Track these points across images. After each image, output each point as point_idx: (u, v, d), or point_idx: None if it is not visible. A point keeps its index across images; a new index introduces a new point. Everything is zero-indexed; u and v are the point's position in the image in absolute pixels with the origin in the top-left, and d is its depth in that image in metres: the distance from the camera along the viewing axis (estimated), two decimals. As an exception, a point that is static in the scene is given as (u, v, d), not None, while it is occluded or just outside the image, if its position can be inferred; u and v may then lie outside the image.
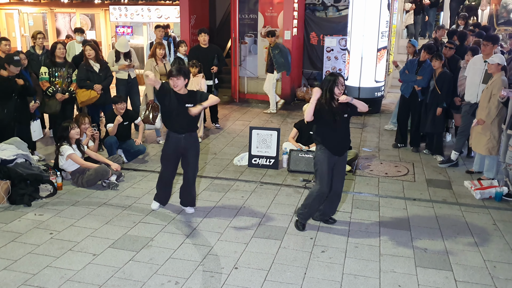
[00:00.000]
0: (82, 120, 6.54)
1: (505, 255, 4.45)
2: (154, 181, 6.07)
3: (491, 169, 6.20)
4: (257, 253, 4.40)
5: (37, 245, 4.50)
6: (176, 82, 4.92)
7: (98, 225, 4.92)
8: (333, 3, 11.25)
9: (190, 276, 4.01)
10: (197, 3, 11.88)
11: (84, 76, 7.27)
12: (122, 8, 13.18)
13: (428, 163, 7.08)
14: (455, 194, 5.92)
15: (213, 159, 7.19)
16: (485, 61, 6.13)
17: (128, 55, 8.20)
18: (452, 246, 4.58)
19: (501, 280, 4.03)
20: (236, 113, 10.26)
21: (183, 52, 8.50)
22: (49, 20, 15.02)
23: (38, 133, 6.99)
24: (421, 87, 7.22)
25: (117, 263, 4.19)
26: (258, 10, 11.29)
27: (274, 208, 5.41)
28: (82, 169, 5.97)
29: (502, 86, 5.79)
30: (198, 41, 8.90)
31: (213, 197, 5.72)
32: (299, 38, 11.40)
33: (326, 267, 4.18)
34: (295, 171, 6.58)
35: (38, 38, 7.97)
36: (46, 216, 5.13)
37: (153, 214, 5.22)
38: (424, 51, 7.32)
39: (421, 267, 4.20)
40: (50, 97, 7.12)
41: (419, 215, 5.30)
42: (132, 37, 13.71)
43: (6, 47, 7.36)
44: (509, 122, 5.59)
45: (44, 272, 4.04)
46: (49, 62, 7.20)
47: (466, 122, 6.63)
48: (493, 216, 5.29)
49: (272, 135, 6.84)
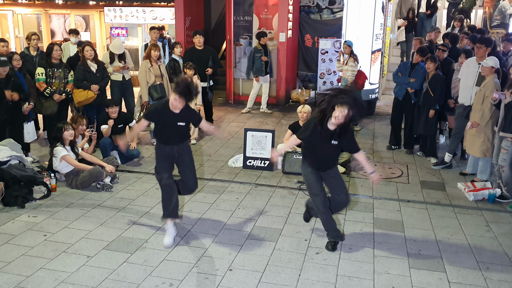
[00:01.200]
0: (80, 121, 6.53)
1: (498, 256, 4.48)
2: (149, 183, 6.08)
3: (484, 171, 6.24)
4: (252, 255, 4.41)
5: (31, 247, 4.48)
6: (176, 104, 4.47)
7: (92, 227, 4.91)
8: (328, 6, 11.29)
9: (184, 278, 4.01)
10: (192, 5, 11.89)
11: (82, 77, 7.28)
12: (117, 10, 13.16)
13: (422, 165, 7.12)
14: (448, 196, 5.96)
15: (208, 160, 7.19)
16: (479, 64, 6.16)
17: (122, 56, 8.19)
18: (446, 248, 4.61)
19: (494, 281, 4.05)
20: (231, 115, 10.26)
21: (178, 54, 8.50)
22: (43, 21, 14.97)
23: (32, 134, 6.96)
24: (414, 89, 7.26)
25: (111, 265, 4.18)
26: (253, 12, 11.31)
27: (268, 210, 5.42)
28: (76, 171, 5.95)
29: (495, 88, 5.83)
30: (193, 43, 8.90)
31: (208, 199, 5.72)
32: (294, 40, 11.43)
33: (321, 269, 4.19)
34: (290, 173, 6.59)
35: (33, 39, 7.95)
36: (40, 218, 5.11)
37: (148, 216, 5.21)
38: (416, 53, 7.36)
39: (415, 269, 4.22)
40: (47, 98, 7.10)
41: (413, 216, 5.32)
42: (127, 38, 13.69)
43: (4, 48, 7.33)
44: (501, 124, 5.63)
45: (37, 274, 4.02)
46: (45, 63, 7.19)
47: (460, 124, 6.67)
48: (486, 218, 5.32)
49: (267, 137, 6.85)
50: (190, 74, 7.73)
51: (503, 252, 4.55)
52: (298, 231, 4.90)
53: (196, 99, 7.82)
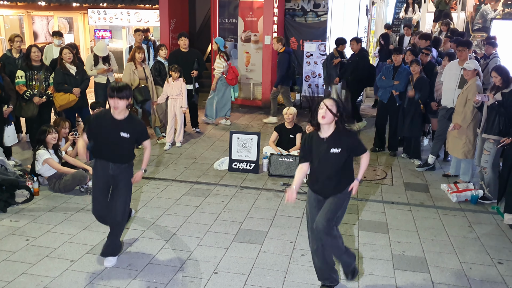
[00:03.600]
0: (63, 125, 6.46)
1: (480, 256, 4.54)
2: (134, 186, 6.03)
3: (466, 172, 6.32)
4: (237, 258, 4.40)
5: (13, 251, 4.41)
6: (117, 103, 3.99)
7: (76, 231, 4.85)
8: (313, 9, 11.35)
9: (169, 282, 3.98)
10: (177, 7, 11.84)
11: (62, 80, 7.21)
12: (101, 12, 13.05)
13: (406, 166, 7.18)
14: (432, 197, 6.02)
15: (193, 163, 7.17)
16: (462, 68, 6.25)
17: (107, 59, 8.13)
18: (429, 249, 4.65)
19: (476, 281, 4.11)
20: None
21: (163, 56, 8.47)
22: (26, 23, 14.77)
23: (12, 138, 6.82)
24: (398, 91, 7.33)
25: (95, 269, 4.14)
26: (238, 15, 11.32)
27: (254, 213, 5.42)
28: (59, 174, 5.88)
29: (477, 91, 5.91)
30: (178, 45, 8.87)
31: (193, 202, 5.70)
32: (279, 43, 11.45)
33: (306, 271, 4.19)
34: (276, 175, 6.60)
35: (16, 41, 7.83)
36: (22, 222, 5.03)
37: (132, 219, 5.17)
38: (394, 54, 7.47)
39: (399, 270, 4.26)
40: (27, 101, 7.01)
41: (397, 218, 5.37)
42: (111, 40, 13.58)
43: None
44: (484, 126, 5.71)
45: (19, 279, 3.96)
46: (25, 65, 7.10)
47: (443, 126, 6.75)
48: (469, 219, 5.39)
49: (253, 140, 6.85)
50: (176, 77, 7.71)
51: (486, 253, 4.61)
52: (284, 234, 4.90)
53: (182, 102, 7.80)
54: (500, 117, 5.49)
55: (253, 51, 11.35)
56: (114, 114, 4.08)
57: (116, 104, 3.99)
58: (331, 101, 3.61)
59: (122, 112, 4.07)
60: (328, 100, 3.62)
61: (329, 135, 3.66)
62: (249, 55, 11.39)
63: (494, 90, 5.65)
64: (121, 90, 3.98)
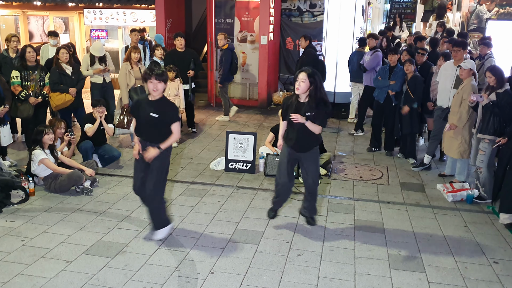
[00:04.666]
0: (58, 125, 6.45)
1: (476, 256, 4.55)
2: (129, 187, 6.01)
3: (462, 172, 6.34)
4: (233, 258, 4.40)
5: (8, 252, 4.39)
6: (156, 86, 4.36)
7: (72, 232, 4.84)
8: (309, 9, 11.37)
9: (165, 282, 3.98)
10: (173, 7, 11.84)
11: (57, 80, 7.19)
12: (97, 12, 13.02)
13: (402, 166, 7.20)
14: (428, 197, 6.04)
15: (189, 163, 7.16)
16: (458, 66, 6.26)
17: (103, 59, 8.11)
18: (425, 248, 4.67)
19: (472, 280, 4.12)
20: (212, 118, 10.24)
21: (159, 56, 8.45)
22: (21, 23, 14.72)
23: (8, 138, 6.80)
24: (395, 91, 7.35)
25: (91, 270, 4.13)
26: (234, 15, 11.32)
27: (250, 213, 5.42)
28: (54, 175, 5.86)
29: (472, 91, 5.93)
30: (174, 45, 8.87)
31: (189, 202, 5.69)
32: (275, 43, 11.48)
33: (302, 271, 4.20)
34: (272, 175, 6.59)
35: (13, 41, 7.80)
36: (18, 223, 5.01)
37: (128, 219, 5.16)
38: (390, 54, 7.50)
39: (395, 269, 4.27)
40: (23, 101, 6.99)
41: (393, 218, 5.38)
42: (107, 40, 13.55)
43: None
44: (479, 126, 5.73)
45: (15, 280, 3.95)
46: (20, 66, 7.07)
47: (439, 126, 6.77)
48: (464, 218, 5.41)
49: (249, 140, 6.85)
50: (172, 77, 7.70)
51: (481, 252, 4.63)
52: (280, 234, 4.91)
53: (179, 102, 7.80)
54: (495, 117, 5.52)
55: (249, 51, 11.37)
56: (150, 97, 4.44)
57: (156, 87, 4.35)
58: (303, 74, 4.47)
59: (158, 95, 4.42)
60: (301, 73, 4.48)
61: (305, 101, 4.57)
62: (245, 55, 11.41)
63: (488, 90, 5.67)
64: (162, 74, 4.36)
